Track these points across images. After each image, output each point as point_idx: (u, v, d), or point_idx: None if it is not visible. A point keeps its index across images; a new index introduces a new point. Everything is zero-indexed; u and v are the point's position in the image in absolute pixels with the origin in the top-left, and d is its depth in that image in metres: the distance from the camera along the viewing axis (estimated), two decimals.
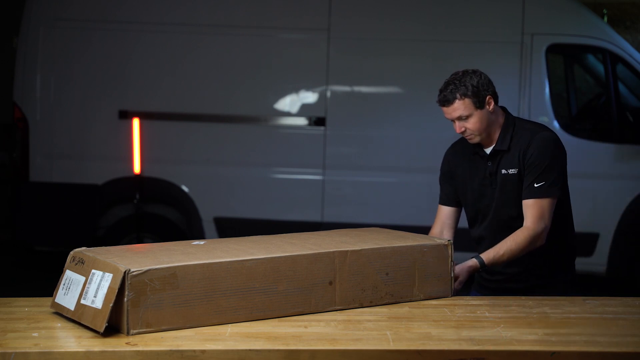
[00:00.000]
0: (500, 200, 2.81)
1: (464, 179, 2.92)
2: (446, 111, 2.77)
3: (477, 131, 2.78)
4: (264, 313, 2.07)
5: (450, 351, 1.86)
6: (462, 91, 2.74)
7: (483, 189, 2.86)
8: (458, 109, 2.74)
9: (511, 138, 2.81)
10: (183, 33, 5.96)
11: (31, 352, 1.78)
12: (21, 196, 5.99)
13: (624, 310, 2.26)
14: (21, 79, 5.99)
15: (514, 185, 2.78)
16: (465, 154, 2.93)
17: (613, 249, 5.82)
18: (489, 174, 2.84)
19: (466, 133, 2.79)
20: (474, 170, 2.89)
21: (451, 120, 2.79)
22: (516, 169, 2.78)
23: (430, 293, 2.36)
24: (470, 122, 2.76)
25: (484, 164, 2.86)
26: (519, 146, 2.79)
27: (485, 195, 2.85)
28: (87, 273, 1.99)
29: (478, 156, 2.87)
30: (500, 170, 2.80)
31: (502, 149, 2.81)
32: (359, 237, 2.42)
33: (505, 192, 2.80)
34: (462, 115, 2.74)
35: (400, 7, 6.00)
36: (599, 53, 6.04)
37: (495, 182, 2.82)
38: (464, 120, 2.76)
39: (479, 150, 2.86)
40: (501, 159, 2.82)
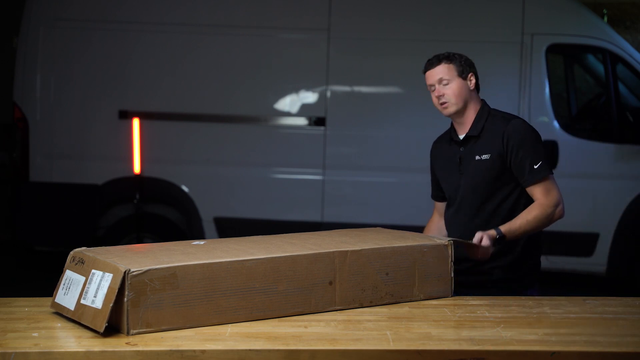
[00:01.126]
0: (469, 186, 2.89)
1: (441, 168, 3.03)
2: (429, 75, 2.89)
3: (454, 98, 2.87)
4: (264, 313, 2.07)
5: (450, 351, 1.86)
6: (448, 58, 2.90)
7: (455, 175, 2.94)
8: (440, 72, 2.87)
9: (483, 125, 2.90)
10: (183, 33, 5.96)
11: (31, 352, 1.78)
12: (21, 196, 5.99)
13: (624, 310, 2.26)
14: (21, 79, 5.99)
15: (485, 171, 2.86)
16: (443, 144, 3.05)
17: (613, 249, 5.82)
18: (459, 159, 2.92)
19: (443, 99, 2.87)
20: (449, 157, 2.97)
21: (431, 86, 2.89)
22: (489, 154, 2.85)
23: (430, 293, 2.36)
24: (450, 88, 2.87)
25: (457, 149, 2.94)
26: (493, 132, 2.87)
27: (455, 181, 2.94)
28: (87, 273, 1.99)
29: (453, 142, 2.97)
30: (474, 156, 2.88)
31: (473, 134, 2.90)
32: (359, 237, 2.42)
33: (474, 177, 2.88)
34: (443, 78, 2.86)
35: (400, 7, 6.00)
36: (599, 53, 6.04)
37: (465, 167, 2.90)
38: (444, 86, 2.87)
39: (454, 135, 2.96)
40: (474, 145, 2.90)
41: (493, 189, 2.86)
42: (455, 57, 2.91)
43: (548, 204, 2.81)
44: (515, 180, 2.86)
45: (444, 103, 2.88)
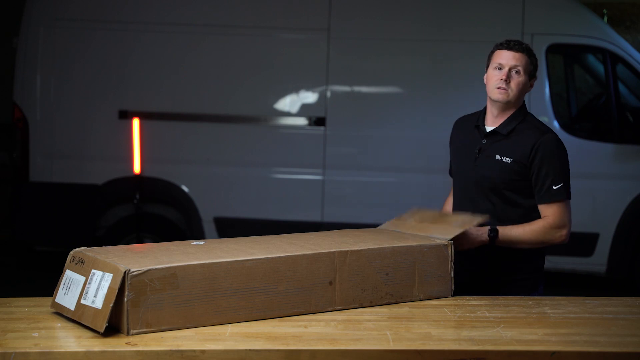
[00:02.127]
0: (480, 181, 2.85)
1: (457, 149, 3.01)
2: (507, 56, 2.82)
3: (515, 89, 2.82)
4: (264, 313, 2.07)
5: (450, 351, 1.86)
6: (530, 52, 2.86)
7: (469, 163, 2.90)
8: (520, 60, 2.82)
9: (514, 127, 2.84)
10: (183, 33, 5.96)
11: (31, 352, 1.78)
12: (21, 196, 5.99)
13: (624, 310, 2.26)
14: (21, 79, 5.99)
15: (502, 173, 2.82)
16: (467, 126, 3.00)
17: (613, 249, 5.82)
18: (479, 150, 2.88)
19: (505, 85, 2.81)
20: (469, 142, 2.94)
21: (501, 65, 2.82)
22: (511, 159, 2.80)
23: (430, 293, 2.36)
24: (517, 79, 2.82)
25: (479, 139, 2.90)
26: (523, 139, 2.81)
27: (468, 170, 2.90)
28: (87, 273, 1.99)
29: (477, 130, 2.92)
30: (495, 154, 2.83)
31: (501, 132, 2.85)
32: (359, 237, 2.42)
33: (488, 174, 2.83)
34: (517, 66, 2.81)
35: (400, 7, 5.99)
36: (599, 53, 6.04)
37: (482, 160, 2.86)
38: (515, 73, 2.81)
39: (482, 123, 2.91)
40: (498, 143, 2.85)
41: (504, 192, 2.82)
42: (533, 56, 2.88)
43: (553, 224, 2.76)
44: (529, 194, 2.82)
45: (503, 89, 2.81)
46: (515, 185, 2.81)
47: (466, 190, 2.92)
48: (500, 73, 2.81)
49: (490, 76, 2.87)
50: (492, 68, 2.86)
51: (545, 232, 2.75)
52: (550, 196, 2.76)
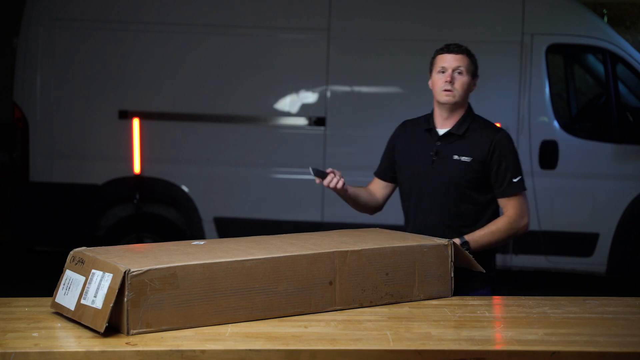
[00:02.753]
0: (442, 183, 2.92)
1: (407, 153, 3.04)
2: (448, 58, 2.95)
3: (460, 90, 2.93)
4: (264, 313, 2.07)
5: (450, 351, 1.86)
6: (469, 52, 2.99)
7: (425, 167, 2.96)
8: (462, 61, 2.94)
9: (468, 127, 2.95)
10: (183, 33, 5.96)
11: (31, 352, 1.78)
12: (21, 196, 5.99)
13: (624, 310, 2.26)
14: (21, 79, 5.99)
15: (462, 172, 2.90)
16: (415, 130, 3.06)
17: (613, 249, 5.82)
18: (435, 153, 2.94)
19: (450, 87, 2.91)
20: (419, 147, 2.99)
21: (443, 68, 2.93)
22: (470, 157, 2.90)
23: (430, 293, 2.36)
24: (460, 80, 2.93)
25: (432, 142, 2.96)
26: (479, 138, 2.92)
27: (425, 173, 2.96)
28: (87, 273, 1.99)
29: (429, 134, 2.99)
30: (452, 155, 2.92)
31: (456, 133, 2.94)
32: (359, 237, 2.42)
33: (449, 175, 2.91)
34: (460, 67, 2.92)
35: (400, 8, 6.00)
36: (599, 53, 6.04)
37: (439, 162, 2.93)
38: (458, 74, 2.92)
39: (432, 127, 2.99)
40: (454, 144, 2.93)
41: (465, 191, 2.91)
42: (473, 55, 3.00)
43: (516, 218, 2.88)
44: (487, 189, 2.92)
45: (449, 90, 2.91)
46: (474, 183, 2.91)
47: (422, 192, 2.98)
48: (444, 76, 2.93)
49: (435, 80, 2.97)
50: (436, 72, 2.97)
51: (511, 227, 2.87)
52: (511, 189, 2.89)
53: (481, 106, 5.95)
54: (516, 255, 5.93)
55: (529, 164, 5.83)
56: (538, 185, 5.82)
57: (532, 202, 5.83)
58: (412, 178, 3.01)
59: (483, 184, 2.92)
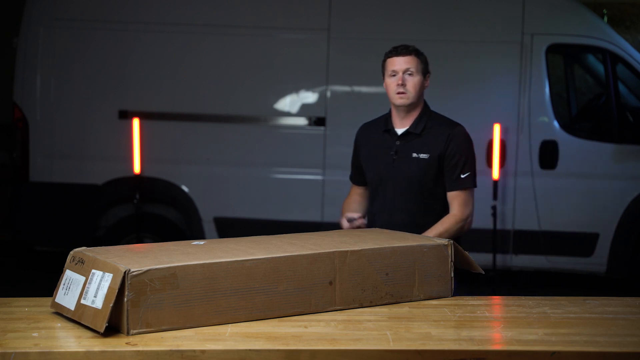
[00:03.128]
0: (403, 181, 2.99)
1: (369, 155, 3.12)
2: (397, 61, 3.00)
3: (413, 91, 3.00)
4: (264, 313, 2.07)
5: (450, 351, 1.86)
6: (417, 52, 3.03)
7: (387, 167, 3.03)
8: (411, 62, 2.99)
9: (425, 125, 3.02)
10: (183, 33, 5.96)
11: (31, 352, 1.78)
12: (21, 196, 5.99)
13: (624, 310, 2.26)
14: (21, 79, 5.99)
15: (422, 169, 2.98)
16: (375, 132, 3.14)
17: (613, 249, 5.82)
18: (395, 153, 3.01)
19: (403, 89, 2.98)
20: (380, 148, 3.07)
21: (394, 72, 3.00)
22: (428, 154, 2.98)
23: (430, 293, 2.36)
24: (412, 81, 2.99)
25: (392, 142, 3.04)
26: (436, 134, 3.00)
27: (387, 173, 3.03)
28: (87, 273, 1.99)
29: (388, 134, 3.07)
30: (412, 153, 2.99)
31: (414, 131, 3.01)
32: (359, 237, 2.42)
33: (409, 173, 2.99)
34: (410, 69, 2.99)
35: (400, 7, 6.00)
36: (599, 53, 6.04)
37: (400, 161, 3.00)
38: (409, 76, 2.99)
39: (391, 128, 3.07)
40: (412, 142, 3.01)
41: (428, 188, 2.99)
42: (422, 54, 3.05)
43: (461, 217, 2.97)
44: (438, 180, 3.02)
45: (402, 93, 2.99)
46: (435, 179, 2.99)
47: (386, 191, 3.04)
48: (396, 79, 3.00)
49: (388, 84, 3.05)
50: (388, 76, 3.05)
51: (457, 226, 2.97)
52: (459, 184, 2.98)
53: (481, 106, 6.02)
54: (516, 255, 5.93)
55: (529, 164, 5.83)
56: (538, 185, 5.83)
57: (532, 202, 5.85)
58: (375, 179, 3.08)
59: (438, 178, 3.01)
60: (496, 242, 5.76)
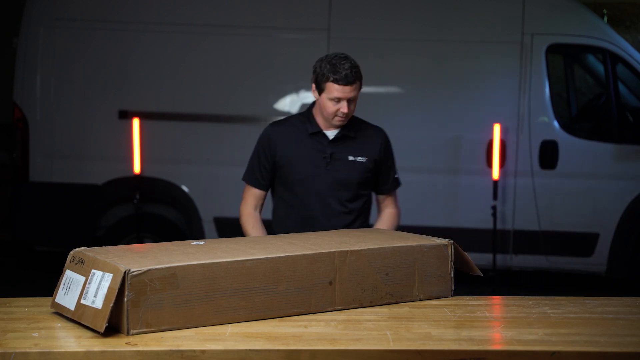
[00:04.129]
0: (337, 183, 2.98)
1: (294, 156, 3.02)
2: (345, 90, 2.88)
3: (351, 114, 2.97)
4: (264, 313, 2.07)
5: (450, 351, 1.86)
6: (359, 72, 2.92)
7: (318, 169, 2.99)
8: (355, 90, 2.91)
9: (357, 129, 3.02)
10: (183, 33, 5.96)
11: (31, 352, 1.78)
12: (21, 196, 5.99)
13: (624, 310, 2.26)
14: (21, 79, 5.99)
15: (360, 172, 3.00)
16: (295, 133, 3.04)
17: (613, 249, 5.82)
18: (330, 155, 2.98)
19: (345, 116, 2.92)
20: (308, 150, 3.00)
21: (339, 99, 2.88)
22: (365, 157, 3.00)
23: (430, 293, 2.36)
24: (353, 105, 2.94)
25: (323, 145, 2.99)
26: (369, 138, 3.03)
27: (319, 175, 2.99)
28: (87, 273, 1.99)
29: (316, 137, 3.00)
30: (347, 156, 2.98)
31: (349, 135, 2.99)
32: (359, 237, 2.42)
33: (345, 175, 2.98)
34: (354, 96, 2.92)
35: (400, 7, 6.00)
36: (599, 53, 6.04)
37: (334, 164, 2.98)
38: (351, 103, 2.91)
39: (316, 129, 3.00)
40: (346, 145, 2.99)
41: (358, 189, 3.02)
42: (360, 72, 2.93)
43: (398, 213, 3.11)
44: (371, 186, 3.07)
45: (343, 118, 2.94)
46: (366, 181, 3.03)
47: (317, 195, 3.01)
48: (339, 105, 2.90)
49: (327, 106, 2.92)
50: (328, 99, 2.90)
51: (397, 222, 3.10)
52: (394, 185, 3.11)
53: (481, 106, 6.02)
54: (516, 255, 5.93)
55: (529, 164, 5.83)
56: (538, 185, 5.83)
57: (532, 202, 5.85)
58: (303, 181, 3.01)
59: (371, 181, 3.06)
60: (496, 242, 5.76)
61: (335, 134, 3.00)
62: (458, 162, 5.93)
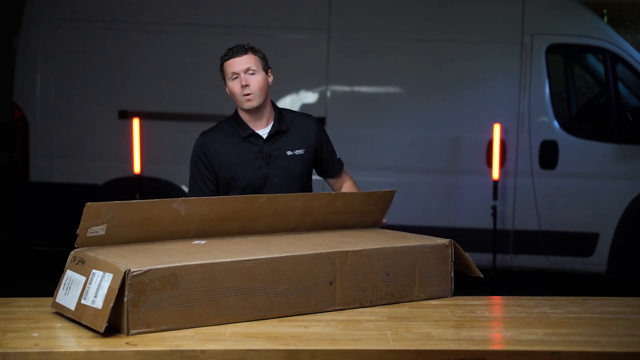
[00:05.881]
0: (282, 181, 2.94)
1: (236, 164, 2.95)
2: (235, 63, 2.92)
3: (259, 91, 2.91)
4: (264, 313, 2.07)
5: (450, 351, 1.86)
6: (254, 49, 2.98)
7: (259, 172, 2.94)
8: (248, 62, 2.92)
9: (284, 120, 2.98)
10: (183, 33, 5.96)
11: (31, 352, 1.78)
12: (21, 196, 5.99)
13: (624, 310, 2.26)
14: (21, 79, 5.99)
15: (300, 165, 2.98)
16: (229, 140, 2.99)
17: (613, 249, 5.82)
18: (268, 156, 2.94)
19: (248, 90, 2.89)
20: (246, 154, 2.95)
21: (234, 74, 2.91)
22: (303, 149, 2.97)
23: (430, 293, 2.36)
24: (255, 79, 2.90)
25: (259, 146, 2.94)
26: (301, 129, 2.99)
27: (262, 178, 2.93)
28: (87, 273, 1.99)
29: (250, 139, 2.95)
30: (285, 151, 2.95)
31: (281, 129, 2.95)
32: (359, 237, 2.42)
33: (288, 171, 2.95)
34: (250, 68, 2.91)
35: (400, 7, 6.00)
36: (599, 53, 6.04)
37: (275, 162, 2.94)
38: (251, 76, 2.90)
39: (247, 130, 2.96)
40: (278, 141, 2.94)
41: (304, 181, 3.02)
42: (259, 51, 2.99)
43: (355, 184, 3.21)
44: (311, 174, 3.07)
45: (249, 94, 2.89)
46: (308, 172, 3.03)
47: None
48: (239, 80, 2.91)
49: (231, 88, 2.94)
50: (230, 80, 2.94)
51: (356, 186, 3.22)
52: (340, 166, 3.18)
53: (481, 106, 6.01)
54: (516, 255, 5.93)
55: (529, 164, 5.83)
56: (538, 185, 5.82)
57: (532, 202, 5.85)
58: (248, 187, 2.93)
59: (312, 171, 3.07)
60: (496, 242, 5.76)
61: (268, 132, 2.95)
62: (458, 162, 5.93)
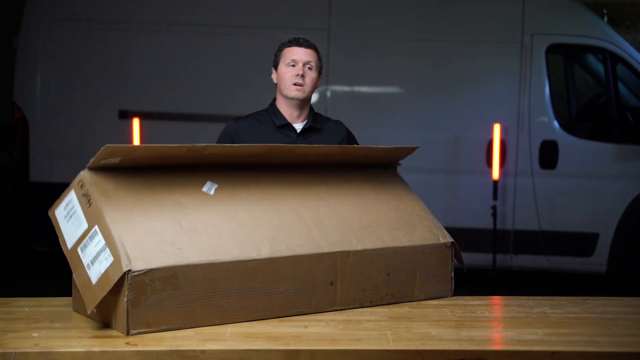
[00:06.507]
0: None
1: None
2: (300, 52, 2.91)
3: (310, 85, 2.91)
4: (264, 313, 2.07)
5: (450, 351, 1.86)
6: (316, 49, 2.98)
7: None
8: (311, 56, 2.91)
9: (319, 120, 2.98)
10: (183, 33, 5.96)
11: (31, 352, 1.78)
12: (21, 196, 5.99)
13: (624, 310, 2.26)
14: (21, 79, 5.99)
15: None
16: (261, 128, 2.99)
17: (613, 249, 5.82)
18: None
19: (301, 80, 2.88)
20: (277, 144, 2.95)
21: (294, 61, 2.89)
22: None
23: (430, 293, 2.36)
24: (310, 75, 2.90)
25: (291, 138, 2.93)
26: (333, 130, 2.99)
27: None
28: (90, 222, 1.98)
29: (284, 130, 2.95)
30: None
31: (316, 126, 2.96)
32: (371, 211, 2.35)
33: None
34: (310, 62, 2.90)
35: (400, 8, 6.00)
36: (599, 53, 6.04)
37: None
38: (308, 69, 2.90)
39: (286, 125, 2.95)
40: (311, 138, 2.94)
41: None
42: (319, 52, 2.99)
43: None
44: None
45: (300, 84, 2.89)
46: None
47: None
48: (295, 69, 2.88)
49: (283, 73, 2.92)
50: (285, 65, 2.92)
51: None
52: None
53: (481, 106, 6.01)
54: (516, 255, 5.93)
55: (529, 164, 5.83)
56: (538, 185, 5.83)
57: (532, 202, 5.85)
58: None
59: None
60: (496, 242, 5.76)
61: (302, 126, 2.96)
62: (458, 162, 5.93)
